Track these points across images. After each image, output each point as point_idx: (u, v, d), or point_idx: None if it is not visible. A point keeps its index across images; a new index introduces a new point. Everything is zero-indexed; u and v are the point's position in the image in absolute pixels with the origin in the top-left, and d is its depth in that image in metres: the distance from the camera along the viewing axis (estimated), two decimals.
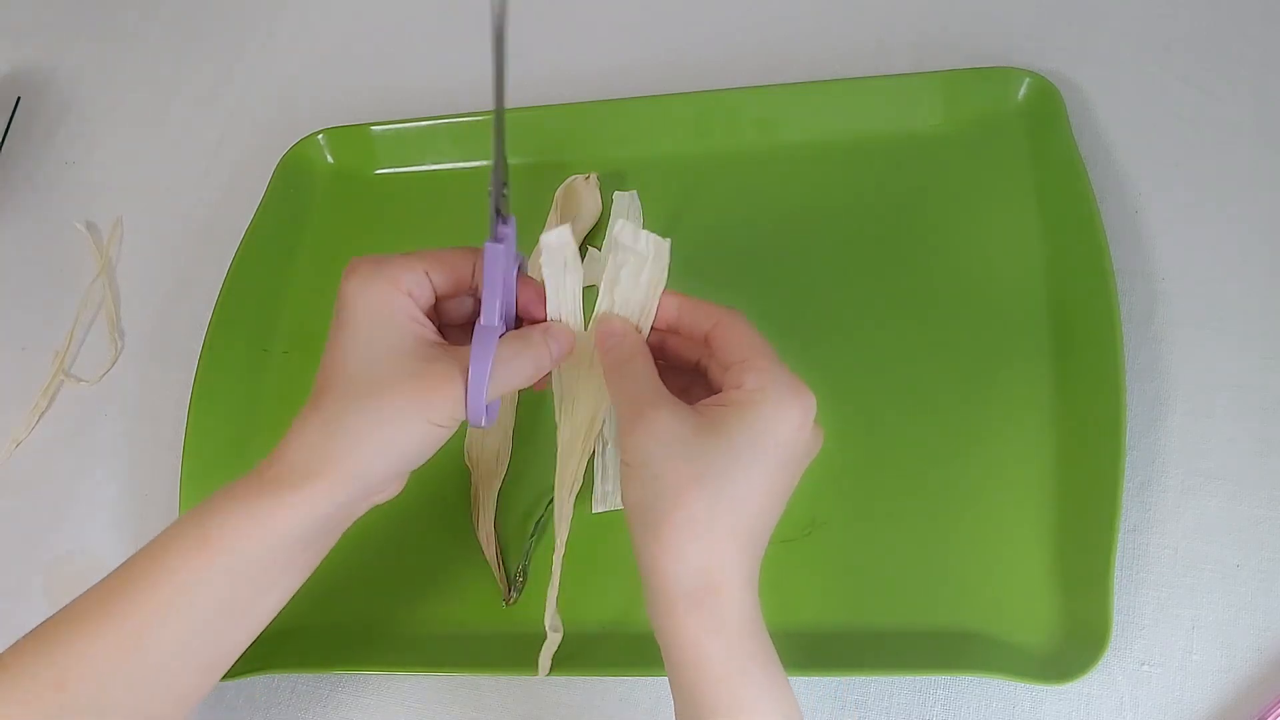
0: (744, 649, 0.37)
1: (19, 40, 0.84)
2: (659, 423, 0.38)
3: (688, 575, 0.37)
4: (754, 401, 0.39)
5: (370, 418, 0.39)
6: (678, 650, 0.37)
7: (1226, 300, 0.54)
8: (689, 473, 0.37)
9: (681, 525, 0.37)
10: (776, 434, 0.39)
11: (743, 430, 0.38)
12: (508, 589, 0.53)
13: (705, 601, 0.37)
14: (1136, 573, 0.49)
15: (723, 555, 0.37)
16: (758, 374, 0.39)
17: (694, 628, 0.37)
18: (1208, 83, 0.60)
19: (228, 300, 0.63)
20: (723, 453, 0.38)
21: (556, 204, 0.63)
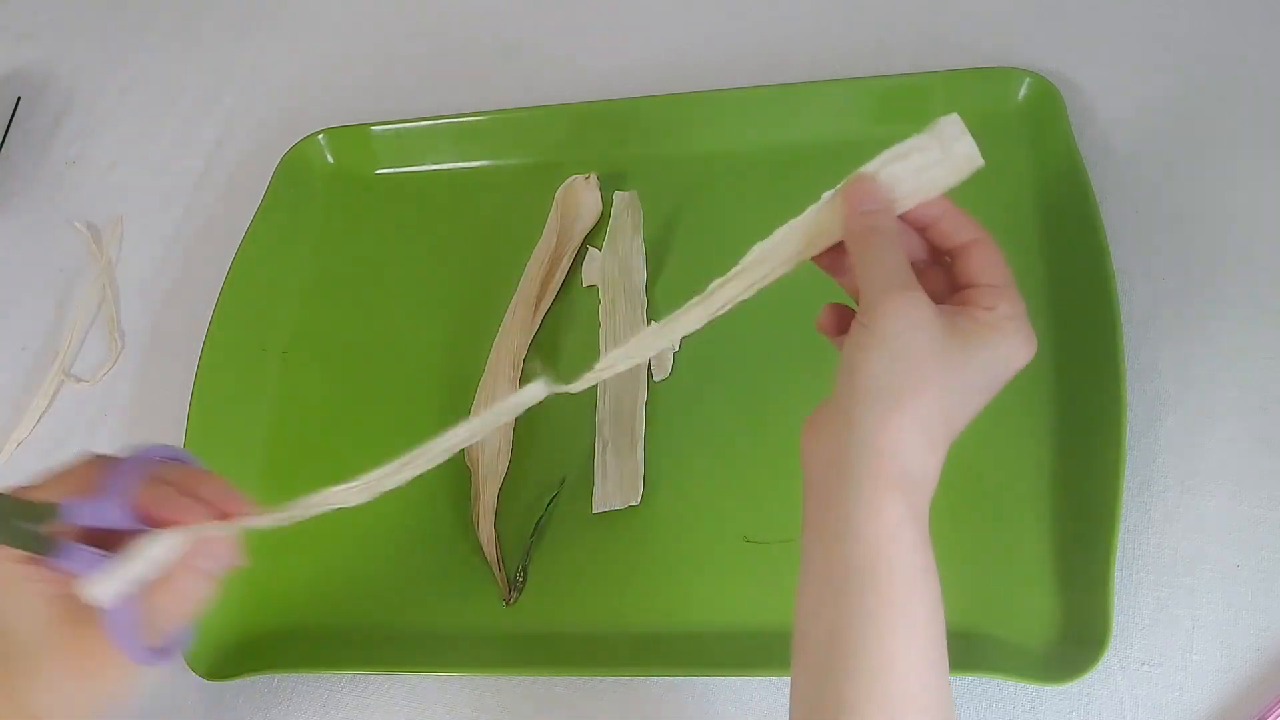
0: (924, 546, 0.37)
1: (19, 40, 0.84)
2: (921, 307, 0.38)
3: (908, 461, 0.37)
4: (1004, 330, 0.39)
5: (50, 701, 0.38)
6: (868, 524, 0.36)
7: (1226, 300, 0.54)
8: (939, 366, 0.38)
9: (919, 411, 0.37)
10: (1009, 365, 0.39)
11: (988, 349, 0.39)
12: (508, 589, 0.53)
13: (913, 493, 0.37)
14: (1136, 573, 0.48)
15: (938, 455, 0.38)
16: (1010, 304, 0.40)
17: (895, 512, 0.36)
18: (1208, 83, 0.60)
19: (228, 300, 0.63)
20: (968, 361, 0.38)
21: (557, 204, 0.63)
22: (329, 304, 0.64)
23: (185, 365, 0.64)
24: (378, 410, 0.60)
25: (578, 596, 0.52)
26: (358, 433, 0.59)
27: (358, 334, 0.63)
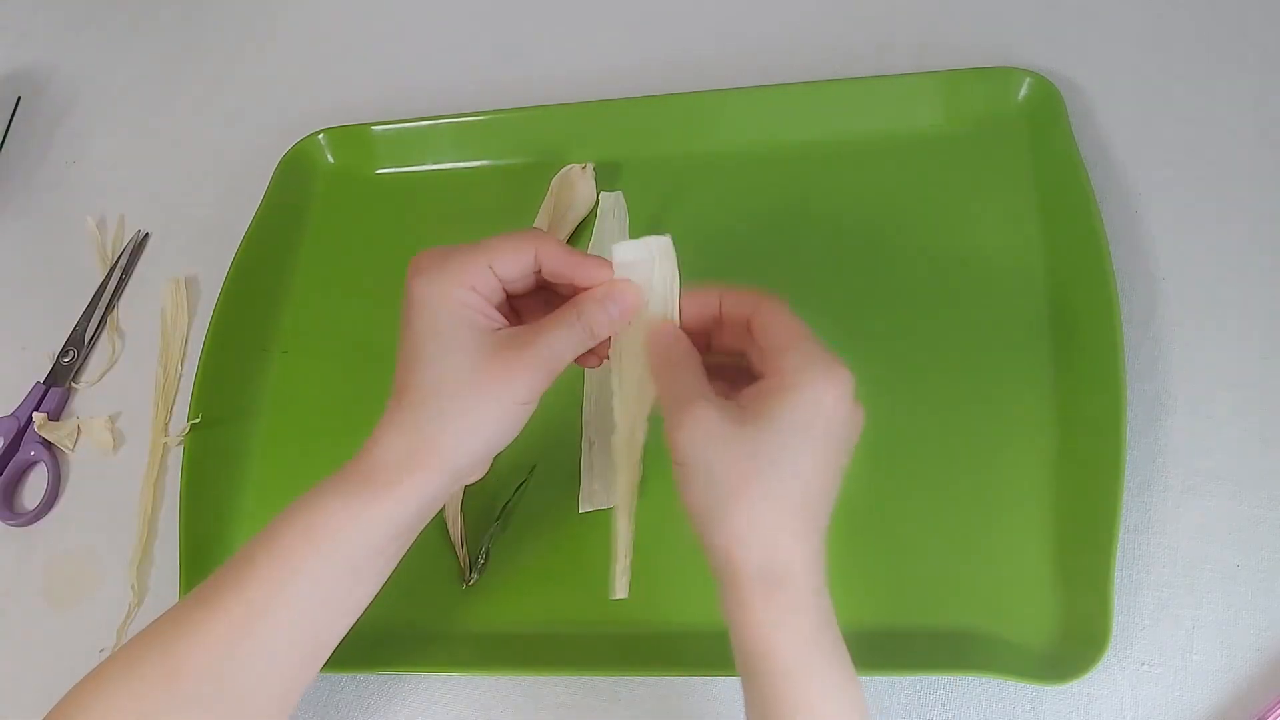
0: (812, 640, 0.38)
1: (19, 40, 0.84)
2: (705, 420, 0.39)
3: (753, 565, 0.38)
4: (793, 384, 0.39)
5: (458, 411, 0.41)
6: (749, 642, 0.38)
7: (1226, 300, 0.54)
8: (741, 465, 0.38)
9: (742, 516, 0.38)
10: (818, 414, 0.39)
11: (786, 414, 0.39)
12: (468, 569, 0.53)
13: (774, 591, 0.38)
14: (1136, 573, 0.48)
15: (784, 542, 0.38)
16: (794, 355, 0.40)
17: (763, 615, 0.38)
18: (1208, 83, 0.60)
19: (228, 300, 0.63)
20: (770, 439, 0.39)
21: (552, 192, 0.63)
22: (329, 304, 0.64)
23: (185, 365, 0.65)
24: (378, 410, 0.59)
25: (570, 596, 0.52)
26: (358, 433, 0.59)
27: (358, 334, 0.63)
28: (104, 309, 0.68)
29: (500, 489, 0.55)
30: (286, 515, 0.42)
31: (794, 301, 0.57)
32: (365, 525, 0.41)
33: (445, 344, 0.41)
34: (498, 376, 0.41)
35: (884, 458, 0.52)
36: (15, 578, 0.61)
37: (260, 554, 0.41)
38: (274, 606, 0.40)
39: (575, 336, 0.43)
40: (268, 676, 0.41)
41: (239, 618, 0.40)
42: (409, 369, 0.42)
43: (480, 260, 0.42)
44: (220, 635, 0.40)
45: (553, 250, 0.43)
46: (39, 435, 0.63)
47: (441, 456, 0.41)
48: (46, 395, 0.65)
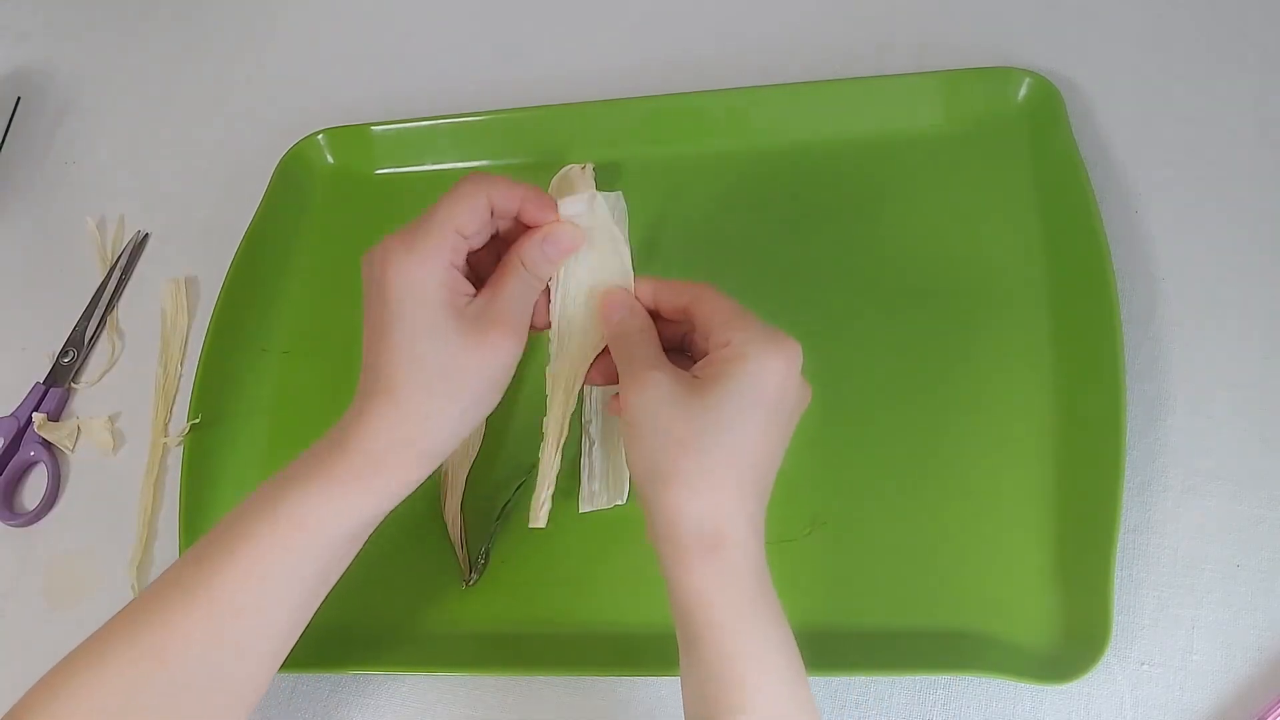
0: (748, 599, 0.39)
1: (19, 40, 0.84)
2: (658, 384, 0.40)
3: (694, 526, 0.38)
4: (740, 355, 0.40)
5: (443, 397, 0.41)
6: (683, 597, 0.39)
7: (1226, 300, 0.54)
8: (687, 429, 0.39)
9: (684, 479, 0.39)
10: (765, 383, 0.40)
11: (733, 383, 0.40)
12: (468, 569, 0.53)
13: (712, 552, 0.38)
14: (1136, 573, 0.49)
15: (726, 505, 0.39)
16: (739, 330, 0.41)
17: (700, 576, 0.38)
18: (1208, 83, 0.60)
19: (228, 300, 0.63)
20: (716, 407, 0.39)
21: (551, 192, 0.63)
22: (329, 304, 0.64)
23: (185, 365, 0.65)
24: None
25: (568, 597, 0.52)
26: None
27: (358, 334, 0.62)
28: (104, 309, 0.68)
29: (500, 489, 0.55)
30: (264, 500, 0.41)
31: (792, 301, 0.58)
32: (353, 513, 0.41)
33: (424, 330, 0.41)
34: (478, 355, 0.41)
35: (884, 458, 0.52)
36: (15, 578, 0.61)
37: (242, 537, 0.41)
38: (258, 589, 0.41)
39: (527, 284, 0.43)
40: (242, 664, 0.41)
41: (224, 600, 0.40)
42: (388, 358, 0.41)
43: (448, 229, 0.42)
44: (205, 616, 0.40)
45: (501, 189, 0.43)
46: (39, 435, 0.63)
47: (430, 445, 0.42)
48: (46, 395, 0.65)
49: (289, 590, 0.42)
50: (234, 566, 0.40)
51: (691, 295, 0.43)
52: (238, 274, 0.64)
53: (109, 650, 0.40)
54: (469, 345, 0.41)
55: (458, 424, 0.42)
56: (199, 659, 0.40)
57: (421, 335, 0.41)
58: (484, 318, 0.42)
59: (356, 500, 0.41)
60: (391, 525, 0.55)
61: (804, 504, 0.52)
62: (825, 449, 0.53)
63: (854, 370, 0.55)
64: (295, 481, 0.42)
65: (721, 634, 0.38)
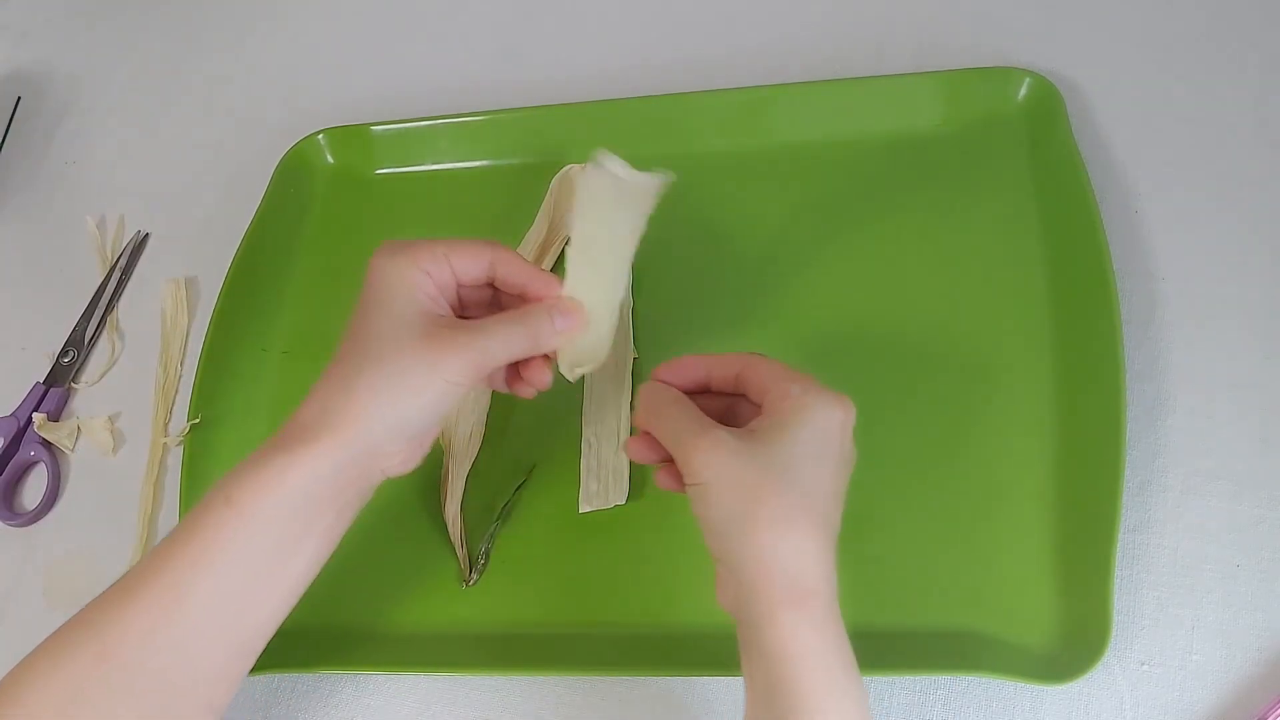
0: (835, 650, 0.38)
1: (19, 40, 0.84)
2: (721, 441, 0.40)
3: (787, 574, 0.38)
4: (805, 405, 0.41)
5: (379, 375, 0.42)
6: (772, 647, 0.38)
7: (1226, 300, 0.54)
8: (764, 477, 0.39)
9: (770, 526, 0.39)
10: (829, 431, 0.41)
11: (801, 429, 0.40)
12: (468, 569, 0.53)
13: (804, 603, 0.38)
14: (1136, 573, 0.49)
15: (812, 549, 0.39)
16: (800, 384, 0.41)
17: (792, 627, 0.38)
18: (1208, 83, 0.60)
19: (228, 300, 0.63)
20: (788, 453, 0.40)
21: (551, 192, 0.63)
22: (329, 304, 0.64)
23: (185, 365, 0.65)
24: None
25: (568, 597, 0.52)
26: None
27: None
28: (104, 309, 0.68)
29: (500, 489, 0.55)
30: (212, 489, 0.42)
31: (792, 301, 0.58)
32: (281, 490, 0.41)
33: (388, 316, 0.42)
34: (427, 349, 0.42)
35: (884, 458, 0.52)
36: (15, 578, 0.61)
37: (183, 532, 0.41)
38: (195, 585, 0.40)
39: (516, 337, 0.44)
40: (195, 659, 0.41)
41: (161, 598, 0.40)
42: (349, 336, 0.43)
43: (439, 250, 0.44)
44: (143, 616, 0.40)
45: (508, 260, 0.45)
46: (39, 435, 0.63)
47: (356, 416, 0.41)
48: (46, 395, 0.65)
49: (234, 576, 0.41)
50: (174, 556, 0.41)
51: (743, 363, 0.44)
52: (238, 274, 0.64)
53: (60, 649, 0.41)
54: (418, 346, 0.42)
55: (386, 415, 0.41)
56: (141, 655, 0.40)
57: (379, 317, 0.43)
58: (448, 326, 0.43)
59: (289, 472, 0.40)
60: (392, 525, 0.55)
61: None
62: None
63: (852, 370, 0.55)
64: (241, 464, 0.42)
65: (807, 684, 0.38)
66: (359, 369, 0.42)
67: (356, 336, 0.43)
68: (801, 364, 0.55)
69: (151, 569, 0.41)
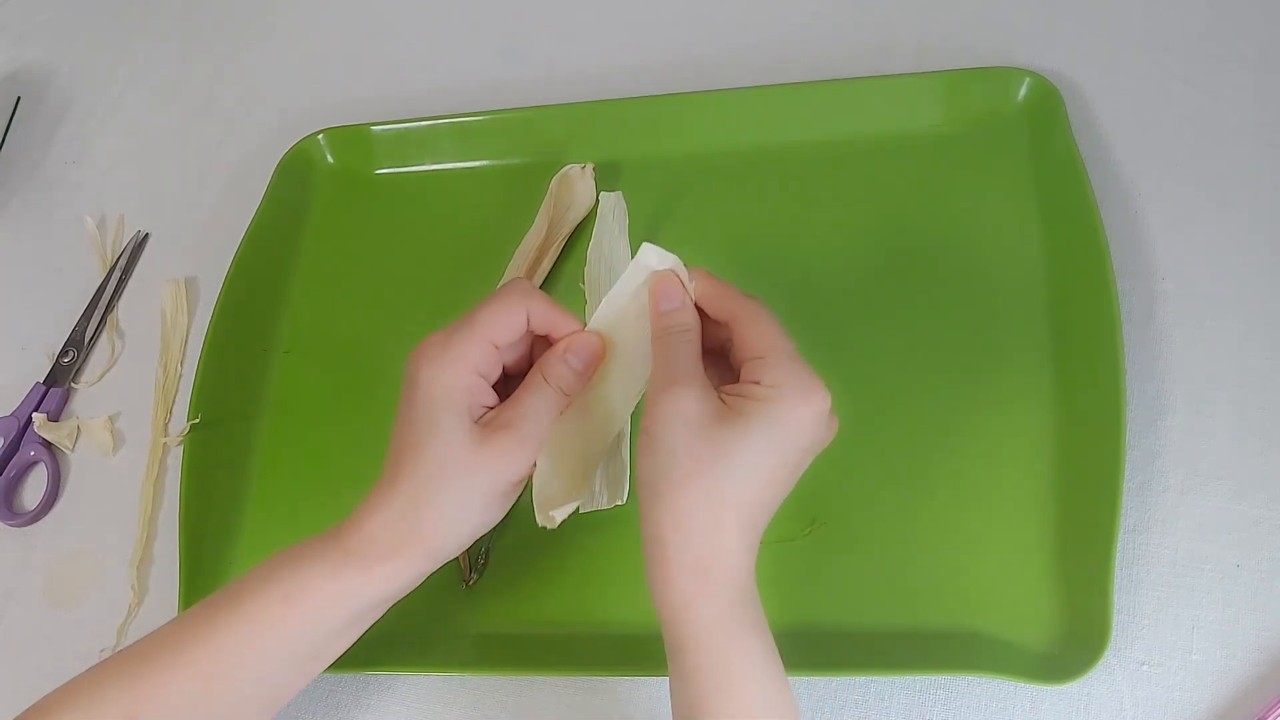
0: (734, 615, 0.39)
1: (19, 40, 0.84)
2: (685, 400, 0.40)
3: (688, 548, 0.39)
4: (769, 399, 0.40)
5: (449, 500, 0.42)
6: (670, 610, 0.39)
7: (1226, 300, 0.54)
8: (702, 454, 0.39)
9: (688, 501, 0.39)
10: (787, 431, 0.40)
11: (756, 423, 0.40)
12: (469, 570, 0.53)
13: (702, 572, 0.39)
14: (1136, 573, 0.49)
15: (723, 536, 0.39)
16: (773, 372, 0.41)
17: (688, 591, 0.39)
18: (1208, 83, 0.60)
19: (228, 300, 0.63)
20: (735, 441, 0.39)
21: (551, 192, 0.63)
22: (329, 304, 0.64)
23: (185, 365, 0.65)
24: (378, 410, 0.59)
25: (568, 597, 0.52)
26: (358, 433, 0.59)
27: (358, 334, 0.63)
28: (104, 309, 0.68)
29: None
30: (267, 573, 0.42)
31: (791, 301, 0.58)
32: (346, 599, 0.42)
33: (441, 430, 0.42)
34: (486, 459, 0.42)
35: (883, 458, 0.52)
36: (15, 578, 0.61)
37: (235, 610, 0.42)
38: (242, 665, 0.41)
39: (549, 399, 0.44)
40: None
41: (205, 673, 0.41)
42: (404, 452, 0.42)
43: (482, 340, 0.43)
44: (183, 687, 0.41)
45: (539, 307, 0.44)
46: (39, 435, 0.63)
47: (431, 541, 0.42)
48: (46, 395, 0.65)
49: (281, 663, 0.42)
50: (221, 638, 0.41)
51: (739, 310, 0.43)
52: (238, 274, 0.64)
53: (87, 699, 0.41)
54: (477, 451, 0.42)
55: (459, 524, 0.43)
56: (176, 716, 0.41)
57: (435, 434, 0.42)
58: (495, 425, 0.43)
59: (349, 584, 0.42)
60: None
61: (804, 504, 0.51)
62: (825, 449, 0.53)
63: (854, 370, 0.55)
64: (295, 559, 0.43)
65: (705, 648, 0.39)
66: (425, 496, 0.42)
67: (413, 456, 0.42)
68: None
69: (195, 643, 0.41)
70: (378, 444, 0.44)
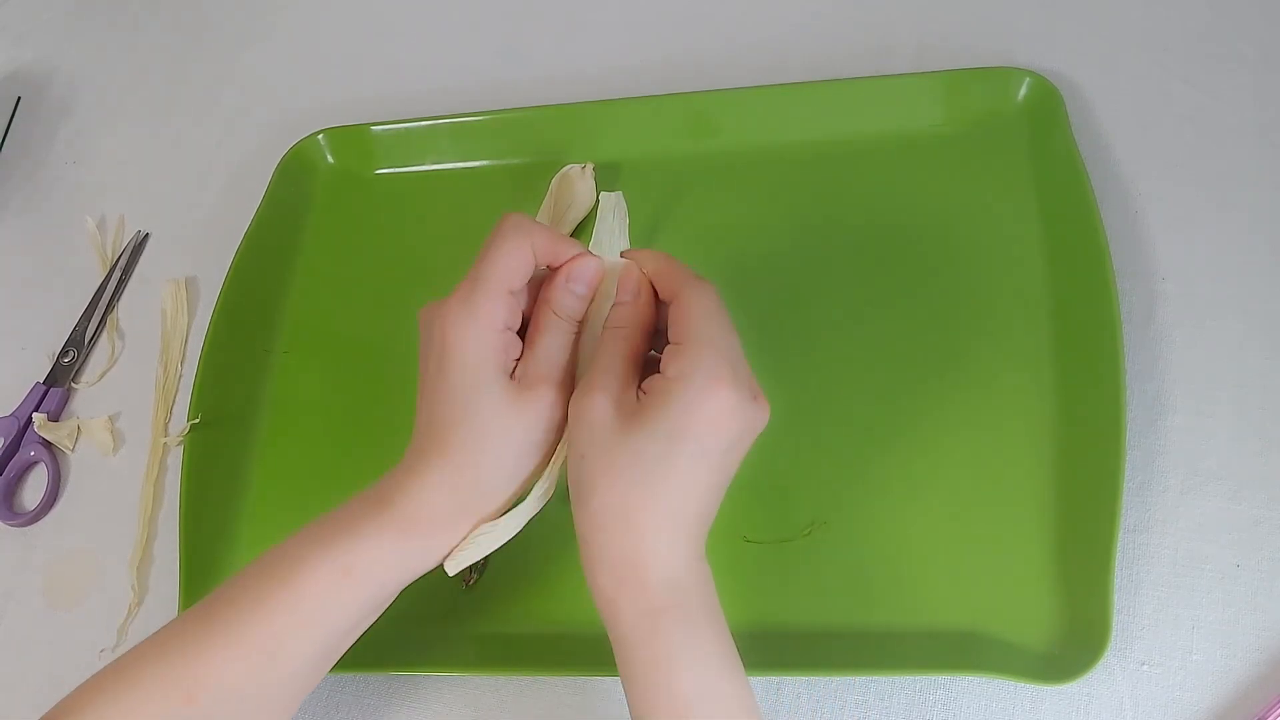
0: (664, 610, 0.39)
1: (19, 40, 0.84)
2: (597, 406, 0.41)
3: (609, 548, 0.40)
4: (671, 391, 0.40)
5: (504, 458, 0.42)
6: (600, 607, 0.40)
7: (1226, 300, 0.54)
8: (606, 462, 0.40)
9: (600, 511, 0.40)
10: (692, 424, 0.39)
11: (659, 420, 0.40)
12: (469, 570, 0.53)
13: (623, 571, 0.39)
14: (1136, 573, 0.49)
15: (638, 536, 0.39)
16: (679, 361, 0.40)
17: (608, 589, 0.40)
18: (1208, 83, 0.60)
19: (228, 300, 0.63)
20: (641, 443, 0.39)
21: (551, 192, 0.63)
22: (329, 304, 0.64)
23: (186, 365, 0.65)
24: (378, 410, 0.60)
25: (568, 597, 0.52)
26: (358, 433, 0.59)
27: (358, 334, 0.63)
28: (104, 309, 0.68)
29: None
30: (315, 548, 0.41)
31: (792, 301, 0.58)
32: (408, 568, 0.42)
33: (485, 395, 0.42)
34: (531, 417, 0.42)
35: (884, 458, 0.52)
36: (15, 578, 0.61)
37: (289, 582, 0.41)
38: (298, 645, 0.41)
39: (565, 334, 0.44)
40: (279, 698, 0.42)
41: (265, 648, 0.40)
42: (449, 419, 0.42)
43: (502, 293, 0.43)
44: (243, 662, 0.40)
45: (540, 241, 0.44)
46: (39, 435, 0.63)
47: (492, 504, 0.43)
48: (46, 395, 0.65)
49: (333, 636, 0.42)
50: (279, 610, 0.41)
51: (680, 290, 0.43)
52: (238, 274, 0.64)
53: (140, 677, 0.40)
54: (517, 405, 0.42)
55: (514, 483, 0.43)
56: (232, 702, 0.40)
57: (477, 397, 0.42)
58: (530, 379, 0.43)
59: (407, 555, 0.42)
60: None
61: (804, 504, 0.52)
62: (825, 449, 0.53)
63: (851, 370, 0.55)
64: (345, 530, 0.42)
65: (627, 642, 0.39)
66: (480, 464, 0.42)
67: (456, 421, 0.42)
68: (801, 364, 0.55)
69: (252, 615, 0.41)
70: (378, 444, 0.44)
